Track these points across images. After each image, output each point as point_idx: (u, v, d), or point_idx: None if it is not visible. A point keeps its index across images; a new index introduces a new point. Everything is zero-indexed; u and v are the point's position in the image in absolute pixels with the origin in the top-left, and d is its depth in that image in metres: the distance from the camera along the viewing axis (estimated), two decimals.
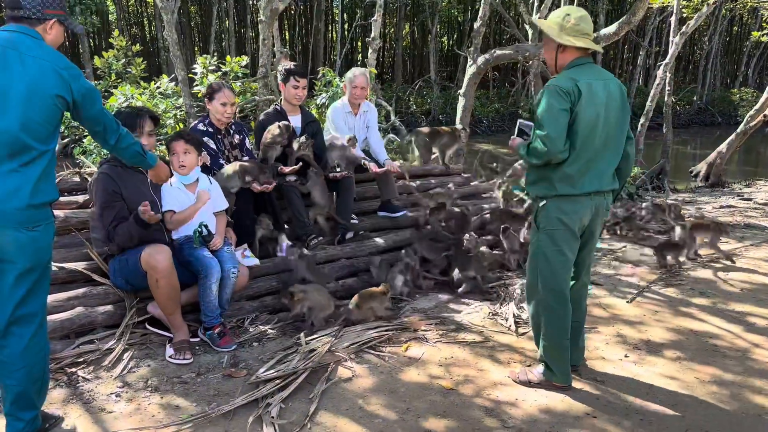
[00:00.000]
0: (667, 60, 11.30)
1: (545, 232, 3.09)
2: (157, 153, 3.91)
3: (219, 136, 4.45)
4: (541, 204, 3.10)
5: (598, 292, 4.74)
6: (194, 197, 3.79)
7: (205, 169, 4.04)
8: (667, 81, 11.56)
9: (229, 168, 4.24)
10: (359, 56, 28.67)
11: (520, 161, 6.08)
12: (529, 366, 3.39)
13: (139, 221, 3.34)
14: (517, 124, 3.35)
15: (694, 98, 28.56)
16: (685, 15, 13.34)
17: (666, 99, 11.96)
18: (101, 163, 3.70)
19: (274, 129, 4.66)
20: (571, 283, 3.24)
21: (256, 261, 4.32)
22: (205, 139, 4.29)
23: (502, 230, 5.19)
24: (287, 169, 4.63)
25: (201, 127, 4.40)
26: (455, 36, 31.61)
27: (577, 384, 3.28)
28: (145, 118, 3.63)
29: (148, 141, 3.61)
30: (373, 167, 5.23)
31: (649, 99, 11.56)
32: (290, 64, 4.96)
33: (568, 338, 3.14)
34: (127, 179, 3.56)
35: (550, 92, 2.91)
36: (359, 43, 28.70)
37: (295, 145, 4.71)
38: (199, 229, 3.61)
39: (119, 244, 3.49)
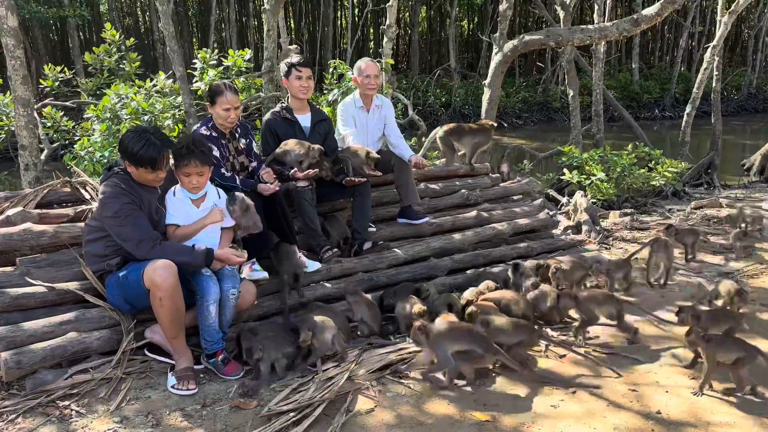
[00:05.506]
0: (714, 42, 11.10)
1: None
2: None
3: (223, 141, 4.38)
4: None
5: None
6: (200, 211, 3.75)
7: None
8: (714, 65, 11.35)
9: None
10: (372, 45, 28.63)
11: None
12: None
13: (208, 260, 3.48)
14: None
15: (743, 83, 28.08)
16: None
17: (714, 85, 11.74)
18: (109, 174, 3.57)
19: (292, 146, 4.64)
20: None
21: (264, 274, 4.27)
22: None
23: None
24: (301, 174, 4.54)
25: (204, 131, 4.34)
26: (476, 20, 31.43)
27: (630, 415, 3.16)
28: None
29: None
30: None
31: (696, 86, 11.37)
32: (293, 58, 4.90)
33: None
34: (138, 190, 3.52)
35: None
36: (371, 30, 28.64)
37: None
38: None
39: (158, 258, 3.36)
